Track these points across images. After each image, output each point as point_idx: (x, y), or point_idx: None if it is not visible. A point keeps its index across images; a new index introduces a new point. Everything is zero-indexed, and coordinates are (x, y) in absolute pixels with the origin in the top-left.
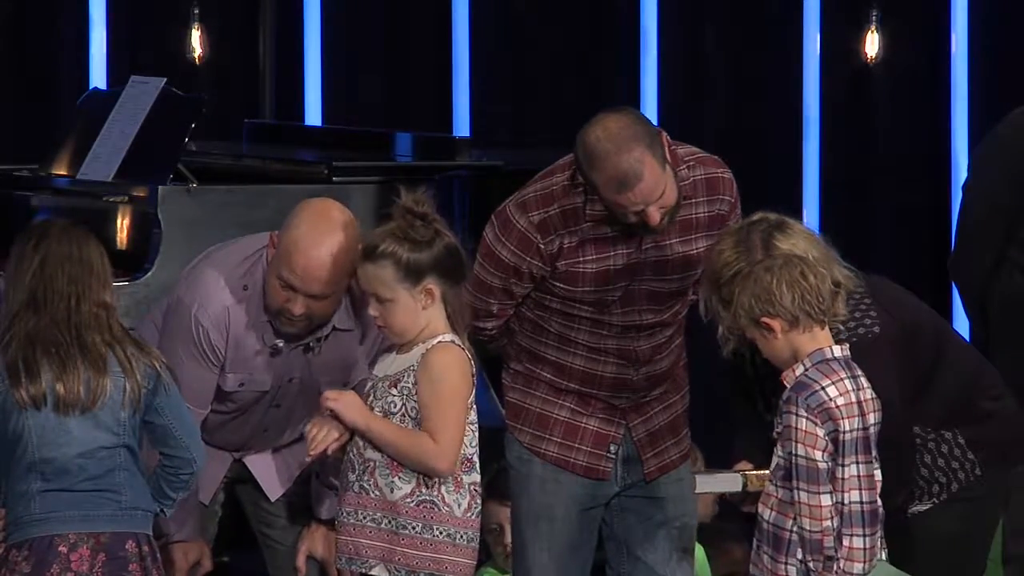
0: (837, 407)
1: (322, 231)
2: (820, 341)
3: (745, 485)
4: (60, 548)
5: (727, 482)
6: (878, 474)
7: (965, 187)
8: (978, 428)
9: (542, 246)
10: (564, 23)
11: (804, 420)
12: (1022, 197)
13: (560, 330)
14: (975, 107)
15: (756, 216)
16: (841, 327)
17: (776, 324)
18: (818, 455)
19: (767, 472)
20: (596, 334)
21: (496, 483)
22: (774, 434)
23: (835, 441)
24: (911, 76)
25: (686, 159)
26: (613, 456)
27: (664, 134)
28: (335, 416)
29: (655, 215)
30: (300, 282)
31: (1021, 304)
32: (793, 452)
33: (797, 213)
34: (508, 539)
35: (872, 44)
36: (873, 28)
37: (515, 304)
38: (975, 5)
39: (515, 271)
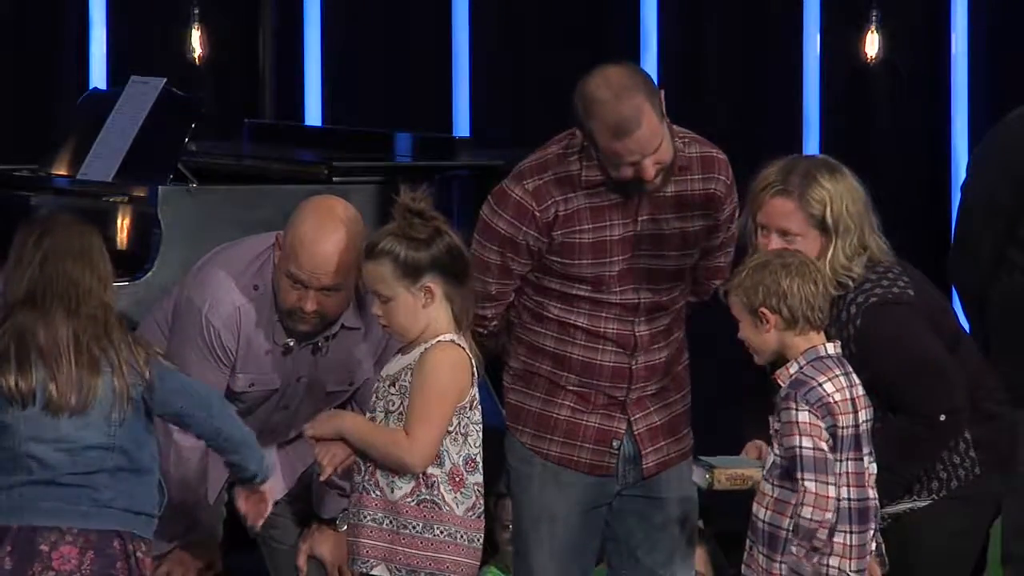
0: (835, 403)
1: (326, 225)
2: (814, 341)
3: (711, 484)
4: (42, 547)
5: (696, 475)
6: (873, 468)
7: (963, 187)
8: (982, 428)
9: (538, 214)
10: (564, 23)
11: (806, 413)
12: (1021, 197)
13: (559, 315)
14: (975, 107)
15: (813, 154)
16: (870, 286)
17: (773, 319)
18: (824, 445)
19: (737, 471)
20: (595, 316)
21: None
22: (771, 432)
23: (833, 436)
24: (911, 76)
25: (681, 135)
26: (616, 451)
27: (662, 93)
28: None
29: (650, 168)
30: (308, 276)
31: (1021, 306)
32: (799, 445)
33: None
34: None
35: (872, 44)
36: (873, 28)
37: (513, 286)
38: (975, 5)
39: (512, 243)
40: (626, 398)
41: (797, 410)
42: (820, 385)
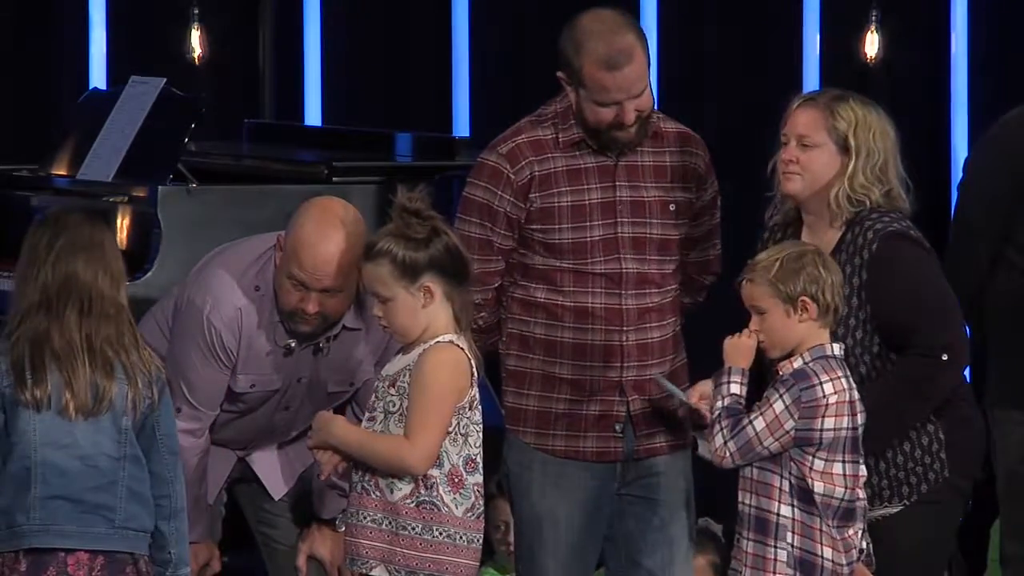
0: (828, 405)
1: (327, 226)
2: (824, 338)
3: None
4: (58, 553)
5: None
6: (862, 470)
7: (960, 187)
8: (955, 429)
9: (512, 176)
10: (564, 23)
11: (782, 408)
12: (1018, 197)
13: (546, 299)
14: (975, 107)
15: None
16: (889, 219)
17: (813, 308)
18: (769, 441)
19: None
20: (581, 292)
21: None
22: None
23: (807, 439)
24: (911, 76)
25: (656, 113)
26: (620, 435)
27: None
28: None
29: (631, 112)
30: (310, 278)
31: (1019, 306)
32: (751, 421)
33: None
34: (511, 538)
35: (872, 44)
36: (873, 28)
37: (496, 266)
38: (975, 5)
39: (489, 211)
40: (622, 378)
41: (780, 399)
42: (820, 384)
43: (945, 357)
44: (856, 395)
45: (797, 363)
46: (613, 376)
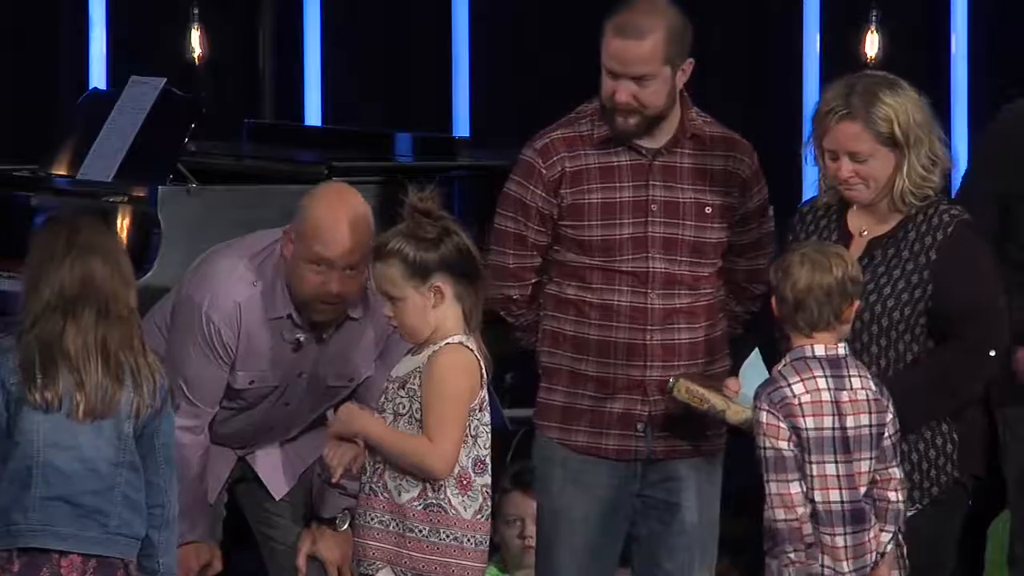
0: (799, 404)
1: (342, 204)
2: (803, 339)
3: (671, 390)
4: (52, 554)
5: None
6: (895, 472)
7: (962, 183)
8: (965, 428)
9: (544, 171)
10: (564, 22)
11: (765, 413)
12: (1018, 194)
13: (576, 295)
14: (975, 107)
15: (874, 71)
16: (960, 210)
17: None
18: (783, 444)
19: (699, 390)
20: (608, 290)
21: (521, 475)
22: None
23: (797, 437)
24: (911, 76)
25: (705, 118)
26: (642, 434)
27: (692, 62)
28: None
29: (623, 93)
30: (335, 254)
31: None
32: (760, 446)
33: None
34: (528, 532)
35: (872, 44)
36: (873, 28)
37: (531, 262)
38: (975, 5)
39: (522, 206)
40: (645, 377)
41: (760, 409)
42: (789, 386)
43: (992, 353)
44: (857, 396)
45: (779, 367)
46: (636, 375)
